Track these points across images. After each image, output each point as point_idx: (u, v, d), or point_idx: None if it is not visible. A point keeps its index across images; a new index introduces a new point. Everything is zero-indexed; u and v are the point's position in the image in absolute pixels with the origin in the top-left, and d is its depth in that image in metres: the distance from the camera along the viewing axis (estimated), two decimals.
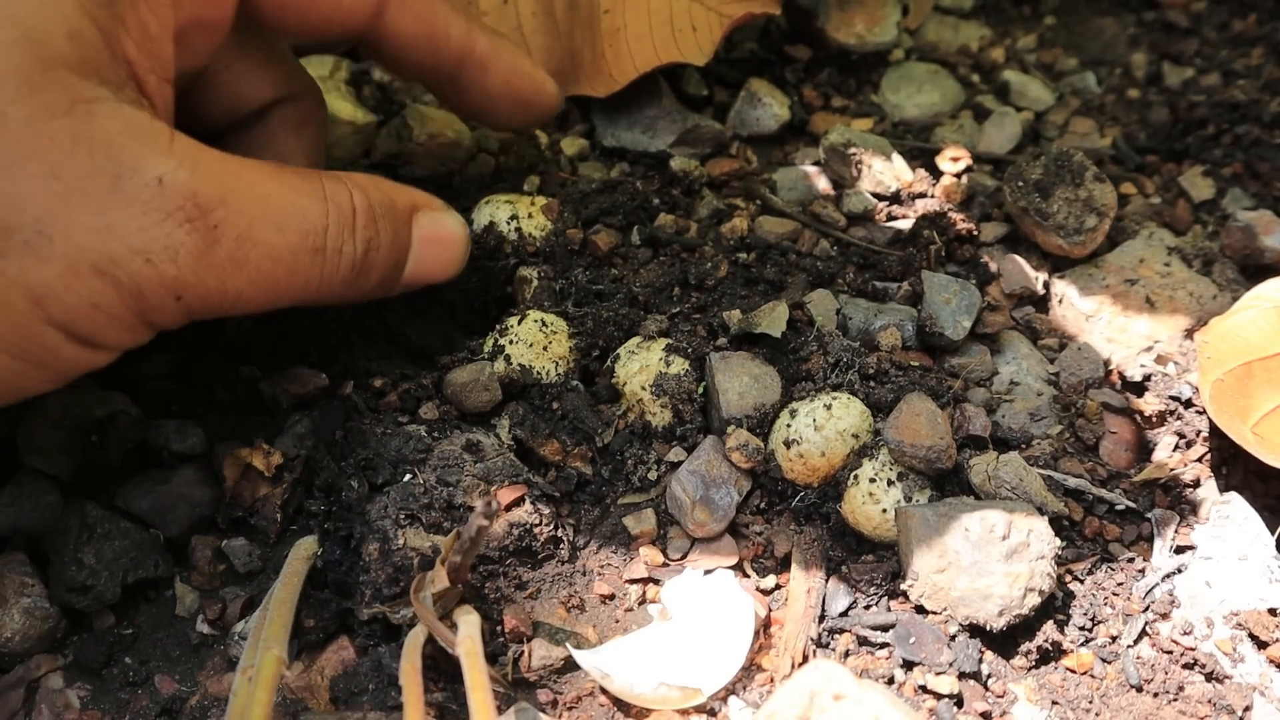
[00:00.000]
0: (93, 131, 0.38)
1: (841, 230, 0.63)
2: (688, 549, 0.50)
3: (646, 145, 0.68)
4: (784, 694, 0.37)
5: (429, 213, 0.51)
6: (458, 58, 0.55)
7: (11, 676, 0.46)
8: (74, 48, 0.38)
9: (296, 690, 0.45)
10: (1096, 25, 0.80)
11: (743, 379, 0.51)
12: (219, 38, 0.47)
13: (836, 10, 0.73)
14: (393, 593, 0.45)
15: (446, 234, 0.52)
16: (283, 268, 0.43)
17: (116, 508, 0.50)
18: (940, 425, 0.48)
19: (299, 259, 0.44)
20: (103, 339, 0.40)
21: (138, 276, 0.39)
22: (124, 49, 0.40)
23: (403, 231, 0.49)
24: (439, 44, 0.54)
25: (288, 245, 0.43)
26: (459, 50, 0.55)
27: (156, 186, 0.39)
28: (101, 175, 0.38)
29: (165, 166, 0.39)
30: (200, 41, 0.46)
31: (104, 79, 0.39)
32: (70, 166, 0.37)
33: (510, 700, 0.44)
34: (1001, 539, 0.45)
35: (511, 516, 0.48)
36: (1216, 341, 0.52)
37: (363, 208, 0.47)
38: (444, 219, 0.52)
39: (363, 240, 0.46)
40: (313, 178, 0.46)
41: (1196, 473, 0.52)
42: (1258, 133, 0.69)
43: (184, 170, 0.39)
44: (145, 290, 0.39)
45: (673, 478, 0.50)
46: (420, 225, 0.50)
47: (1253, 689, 0.45)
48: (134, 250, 0.38)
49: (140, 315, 0.40)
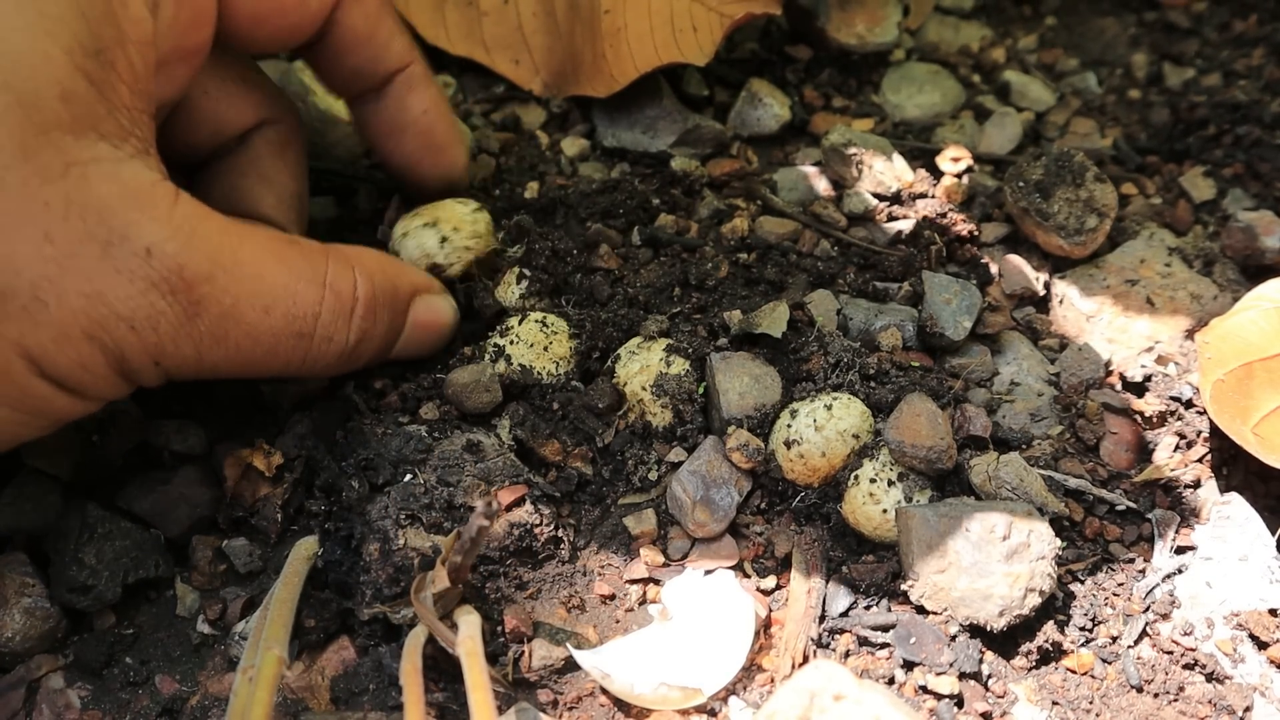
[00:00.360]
0: (86, 196, 0.38)
1: (842, 230, 0.63)
2: (688, 549, 0.50)
3: (647, 145, 0.68)
4: (784, 694, 0.37)
5: (426, 297, 0.52)
6: (392, 70, 0.55)
7: (12, 676, 0.46)
8: (67, 109, 0.38)
9: (297, 690, 0.45)
10: (1097, 26, 0.80)
11: (743, 379, 0.51)
12: (199, 63, 0.47)
13: (837, 10, 0.73)
14: (393, 593, 0.45)
15: (438, 319, 0.52)
16: (262, 348, 0.44)
17: (117, 508, 0.50)
18: (941, 426, 0.48)
19: (280, 342, 0.44)
20: (91, 392, 0.41)
21: (122, 342, 0.40)
22: (120, 96, 0.40)
23: (399, 319, 0.50)
24: (379, 50, 0.53)
25: (270, 328, 0.44)
26: (397, 62, 0.54)
27: (144, 256, 0.39)
28: (92, 241, 0.38)
29: (156, 236, 0.39)
30: (180, 70, 0.46)
31: (103, 134, 0.39)
32: (64, 232, 0.38)
33: (511, 700, 0.44)
34: (1002, 539, 0.45)
35: (512, 517, 0.48)
36: (1217, 342, 0.52)
37: (365, 297, 0.47)
38: (438, 304, 0.52)
39: (358, 331, 0.47)
40: (318, 259, 0.46)
41: (1197, 473, 0.52)
42: (1258, 133, 0.69)
43: (175, 242, 0.40)
44: (127, 355, 0.40)
45: (673, 478, 0.50)
46: (416, 309, 0.51)
47: (1253, 689, 0.45)
48: (120, 317, 0.39)
49: (123, 375, 0.41)
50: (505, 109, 0.71)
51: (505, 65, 0.70)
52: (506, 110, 0.71)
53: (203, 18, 0.46)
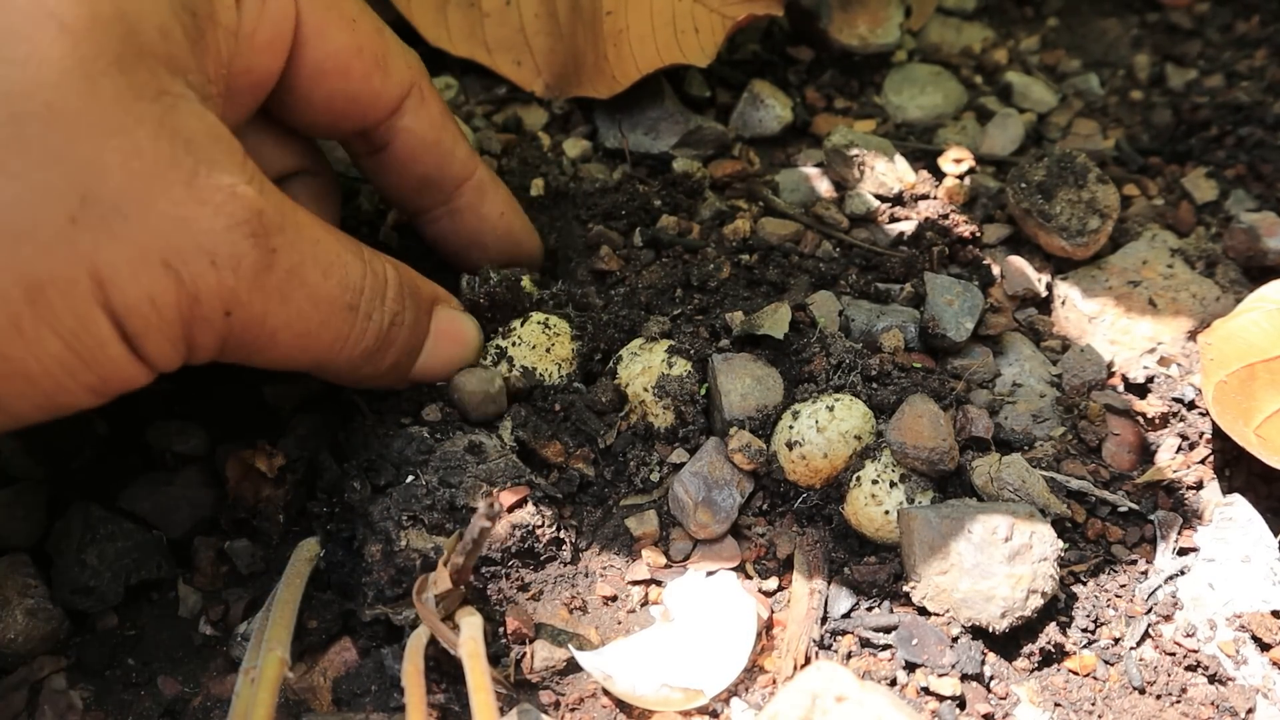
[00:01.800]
0: (176, 123, 0.37)
1: (844, 232, 0.63)
2: (690, 550, 0.50)
3: (649, 147, 0.68)
4: (786, 695, 0.37)
5: (448, 309, 0.51)
6: (459, 177, 0.55)
7: (14, 678, 0.46)
8: (163, 43, 0.37)
9: (299, 691, 0.45)
10: (1099, 27, 0.80)
11: (745, 380, 0.51)
12: (255, 102, 0.47)
13: (839, 11, 0.73)
14: (395, 594, 0.45)
15: (461, 333, 0.52)
16: (319, 315, 0.42)
17: (119, 509, 0.50)
18: (943, 427, 0.48)
19: (335, 312, 0.43)
20: (145, 344, 0.37)
21: (199, 279, 0.37)
22: (205, 64, 0.40)
23: (423, 318, 0.49)
24: (446, 156, 0.53)
25: (328, 293, 0.43)
26: (463, 170, 0.54)
27: (230, 192, 0.38)
28: (180, 167, 0.36)
29: (238, 177, 0.38)
30: (241, 99, 0.46)
31: (189, 82, 0.38)
32: (153, 149, 0.36)
33: (512, 701, 0.44)
34: (1004, 541, 0.45)
35: (514, 518, 0.48)
36: (1219, 343, 0.52)
37: (394, 281, 0.47)
38: (461, 318, 0.52)
39: (390, 313, 0.46)
40: (353, 240, 0.45)
41: (1199, 475, 0.52)
42: (1261, 134, 0.69)
43: (254, 187, 0.39)
44: (202, 295, 0.38)
45: (675, 479, 0.50)
46: (439, 319, 0.50)
47: (1255, 691, 0.45)
48: (203, 249, 0.37)
49: (185, 326, 0.38)
50: (507, 110, 0.71)
51: (507, 66, 0.70)
52: (508, 111, 0.71)
53: (278, 42, 0.45)
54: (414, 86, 0.51)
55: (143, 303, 0.36)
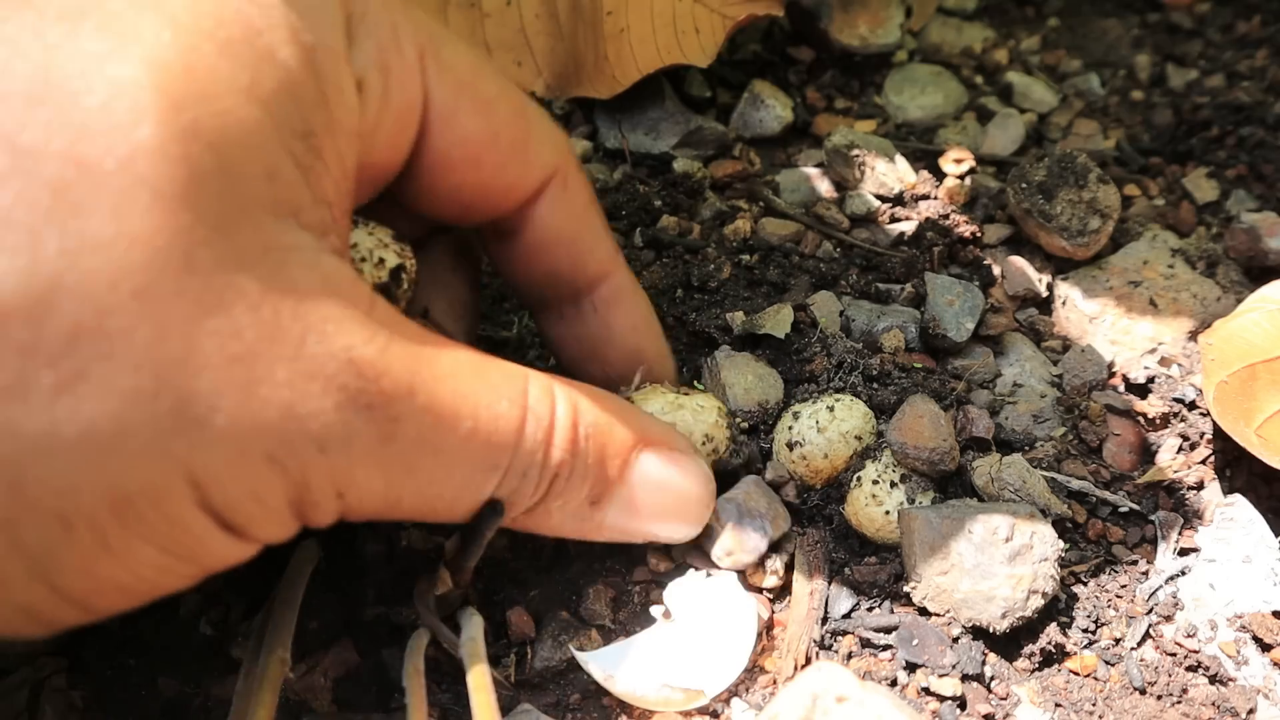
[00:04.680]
0: (284, 284, 0.31)
1: (844, 232, 0.63)
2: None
3: (650, 147, 0.68)
4: (787, 696, 0.37)
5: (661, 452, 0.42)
6: (594, 278, 0.48)
7: (16, 678, 0.46)
8: (271, 188, 0.32)
9: (300, 692, 0.45)
10: (1100, 27, 0.80)
11: (747, 376, 0.51)
12: (381, 186, 0.42)
13: (840, 12, 0.73)
14: (396, 594, 0.45)
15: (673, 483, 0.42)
16: (454, 484, 0.37)
17: None
18: (943, 427, 0.48)
19: (474, 477, 0.37)
20: (255, 532, 0.33)
21: (307, 468, 0.32)
22: (323, 189, 0.34)
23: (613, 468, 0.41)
24: (582, 254, 0.48)
25: (468, 458, 0.36)
26: (599, 270, 0.48)
27: (343, 361, 0.32)
28: (285, 340, 0.31)
29: (357, 337, 0.33)
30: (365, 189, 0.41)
31: (304, 224, 0.33)
32: (254, 325, 0.31)
33: (513, 702, 0.44)
34: (1005, 541, 0.45)
35: None
36: (1220, 344, 0.52)
37: (565, 427, 0.39)
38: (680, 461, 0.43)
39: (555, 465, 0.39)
40: (517, 376, 0.38)
41: (1200, 475, 0.52)
42: (1262, 134, 0.69)
43: (374, 347, 0.33)
44: (311, 482, 0.33)
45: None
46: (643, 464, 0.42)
47: (1256, 691, 0.45)
48: (310, 436, 0.32)
49: (297, 510, 0.34)
50: None
51: (508, 66, 0.70)
52: None
53: (403, 136, 0.40)
54: (557, 173, 0.45)
55: (247, 500, 0.32)
